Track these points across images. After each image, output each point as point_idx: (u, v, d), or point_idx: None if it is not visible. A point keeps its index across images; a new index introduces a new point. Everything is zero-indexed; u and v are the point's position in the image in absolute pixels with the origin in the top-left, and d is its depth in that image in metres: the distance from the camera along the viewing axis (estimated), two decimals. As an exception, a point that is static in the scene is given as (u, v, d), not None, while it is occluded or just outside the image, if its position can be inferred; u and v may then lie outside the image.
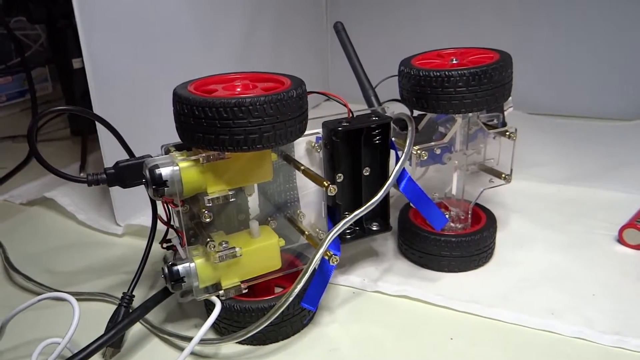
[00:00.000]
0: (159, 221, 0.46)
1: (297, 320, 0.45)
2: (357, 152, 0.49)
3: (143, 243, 0.47)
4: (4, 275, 0.55)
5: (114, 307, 0.45)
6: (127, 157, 0.45)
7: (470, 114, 0.51)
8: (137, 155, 0.45)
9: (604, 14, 0.92)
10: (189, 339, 0.41)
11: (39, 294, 0.50)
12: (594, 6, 0.92)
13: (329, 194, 0.41)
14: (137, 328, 0.46)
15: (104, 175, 0.42)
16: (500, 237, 0.56)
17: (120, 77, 0.59)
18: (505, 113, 0.64)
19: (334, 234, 0.42)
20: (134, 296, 0.45)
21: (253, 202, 0.47)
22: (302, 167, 0.44)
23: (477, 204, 0.57)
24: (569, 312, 0.46)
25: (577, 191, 0.68)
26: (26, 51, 1.03)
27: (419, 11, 1.05)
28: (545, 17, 0.96)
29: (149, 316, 0.46)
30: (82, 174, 0.78)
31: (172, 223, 0.45)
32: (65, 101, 0.89)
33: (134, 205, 0.62)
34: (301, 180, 0.48)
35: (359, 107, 0.54)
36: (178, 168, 0.39)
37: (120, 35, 0.58)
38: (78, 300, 0.48)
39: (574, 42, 0.96)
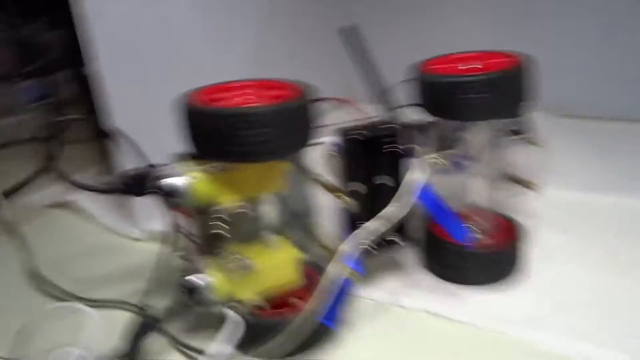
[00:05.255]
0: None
1: (316, 336, 0.43)
2: (372, 159, 0.48)
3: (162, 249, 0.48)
4: (27, 280, 0.56)
5: (132, 315, 0.46)
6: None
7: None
8: (151, 163, 0.45)
9: (632, 11, 0.88)
10: (205, 352, 0.40)
11: (60, 299, 0.51)
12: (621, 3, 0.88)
13: (343, 205, 0.40)
14: (154, 338, 0.46)
15: (118, 184, 0.42)
16: (528, 250, 0.54)
17: (134, 83, 0.59)
18: (531, 117, 0.62)
19: (351, 250, 0.41)
20: (151, 306, 0.45)
21: (269, 211, 0.47)
22: (316, 177, 0.44)
23: (504, 215, 0.54)
24: (602, 337, 0.43)
25: (611, 200, 0.64)
26: (49, 54, 1.05)
27: (440, 9, 1.01)
28: (577, 12, 0.92)
29: (167, 327, 0.46)
30: (101, 178, 0.79)
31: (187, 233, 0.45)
32: (84, 104, 0.90)
33: (154, 209, 0.62)
34: (317, 188, 0.47)
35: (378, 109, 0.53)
36: (189, 179, 0.39)
37: (133, 43, 0.59)
38: (98, 307, 0.49)
39: (608, 37, 0.91)
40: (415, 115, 0.52)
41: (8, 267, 0.58)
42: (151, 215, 0.62)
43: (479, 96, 0.44)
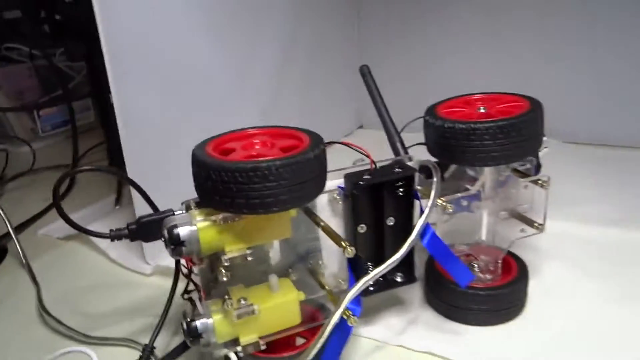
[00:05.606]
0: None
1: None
2: (380, 203, 0.48)
3: (170, 285, 0.48)
4: (37, 317, 0.56)
5: (137, 353, 0.46)
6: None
7: (499, 164, 0.50)
8: (162, 204, 0.46)
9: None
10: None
11: (69, 337, 0.52)
12: (637, 30, 0.87)
13: (347, 255, 0.41)
14: (158, 379, 0.46)
15: (126, 231, 0.43)
16: (532, 286, 0.53)
17: (150, 125, 0.60)
18: (540, 154, 0.61)
19: (352, 295, 0.41)
20: (154, 347, 0.46)
21: (274, 252, 0.47)
22: (322, 224, 0.44)
23: (509, 252, 0.54)
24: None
25: (621, 234, 0.63)
26: (70, 82, 1.08)
27: (452, 47, 1.02)
28: (585, 42, 0.92)
29: (170, 367, 0.46)
30: (117, 207, 0.81)
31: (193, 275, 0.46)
32: (103, 133, 0.92)
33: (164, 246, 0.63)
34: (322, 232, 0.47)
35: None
36: (196, 228, 0.39)
37: (149, 81, 0.60)
38: (104, 345, 0.50)
39: (617, 64, 0.90)
40: (422, 156, 0.52)
41: (21, 301, 0.59)
42: (161, 251, 0.63)
43: (493, 142, 0.45)
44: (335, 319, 0.40)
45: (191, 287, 0.46)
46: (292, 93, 0.89)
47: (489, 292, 0.50)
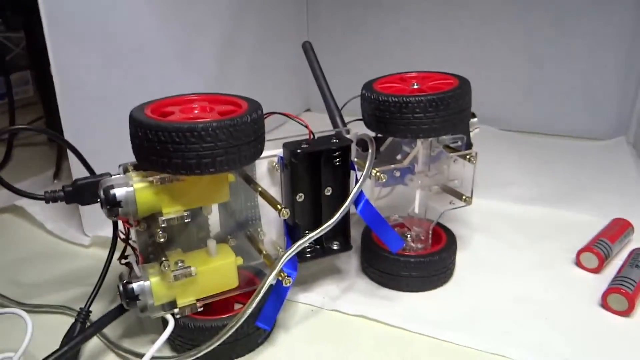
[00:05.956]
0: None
1: (251, 339, 0.45)
2: (317, 172, 0.50)
3: (108, 255, 0.48)
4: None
5: (72, 320, 0.46)
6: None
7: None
8: (100, 172, 0.46)
9: (578, 34, 0.94)
10: (143, 356, 0.41)
11: (1, 305, 0.51)
12: (568, 26, 0.94)
13: (282, 217, 0.42)
14: (94, 343, 0.46)
15: (62, 193, 0.43)
16: (460, 257, 0.57)
17: (90, 92, 0.59)
18: (472, 134, 0.65)
19: (287, 256, 0.43)
20: (90, 311, 0.46)
21: (214, 219, 0.48)
22: (260, 189, 0.45)
23: (439, 224, 0.58)
24: (521, 336, 0.47)
25: (543, 212, 0.69)
26: (8, 54, 1.04)
27: (395, 32, 1.06)
28: (519, 36, 0.98)
29: (107, 331, 0.46)
30: (55, 181, 0.79)
31: (130, 240, 0.46)
32: (42, 106, 0.89)
33: (103, 216, 0.62)
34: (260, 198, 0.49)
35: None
36: (132, 189, 0.39)
37: (90, 49, 0.59)
38: (38, 312, 0.50)
39: (549, 59, 0.97)
40: (360, 130, 0.54)
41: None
42: (100, 221, 0.62)
43: (424, 115, 0.47)
44: (270, 279, 0.42)
45: (129, 252, 0.46)
46: (239, 73, 0.90)
47: (419, 260, 0.53)
